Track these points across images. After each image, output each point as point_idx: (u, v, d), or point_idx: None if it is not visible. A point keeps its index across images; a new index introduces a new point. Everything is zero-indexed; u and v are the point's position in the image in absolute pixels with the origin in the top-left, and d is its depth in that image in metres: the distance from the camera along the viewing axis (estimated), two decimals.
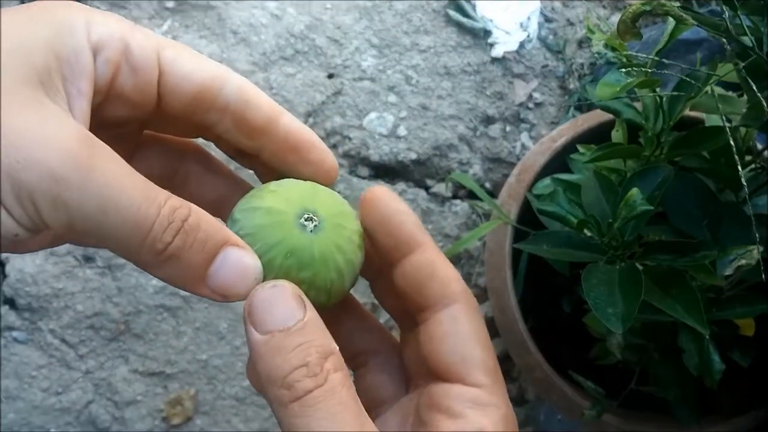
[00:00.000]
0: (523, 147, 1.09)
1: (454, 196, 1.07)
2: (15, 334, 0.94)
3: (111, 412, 0.94)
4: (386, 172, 1.06)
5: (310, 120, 1.04)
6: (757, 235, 0.49)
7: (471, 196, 1.06)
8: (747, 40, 0.44)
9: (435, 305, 0.25)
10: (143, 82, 0.24)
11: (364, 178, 1.04)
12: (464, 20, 1.10)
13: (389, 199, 0.26)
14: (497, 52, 1.11)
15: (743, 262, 0.52)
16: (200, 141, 0.29)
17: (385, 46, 1.09)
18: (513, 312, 0.71)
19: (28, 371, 0.94)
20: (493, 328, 1.01)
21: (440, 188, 1.06)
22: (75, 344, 0.95)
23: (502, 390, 0.25)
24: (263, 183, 0.28)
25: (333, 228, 0.25)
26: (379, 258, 0.28)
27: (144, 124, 0.27)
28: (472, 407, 0.23)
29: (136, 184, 0.20)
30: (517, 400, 1.02)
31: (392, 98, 1.07)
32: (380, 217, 0.26)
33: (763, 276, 0.49)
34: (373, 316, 0.30)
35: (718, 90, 0.53)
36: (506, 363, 1.03)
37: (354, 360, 0.29)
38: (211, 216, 0.23)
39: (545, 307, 0.85)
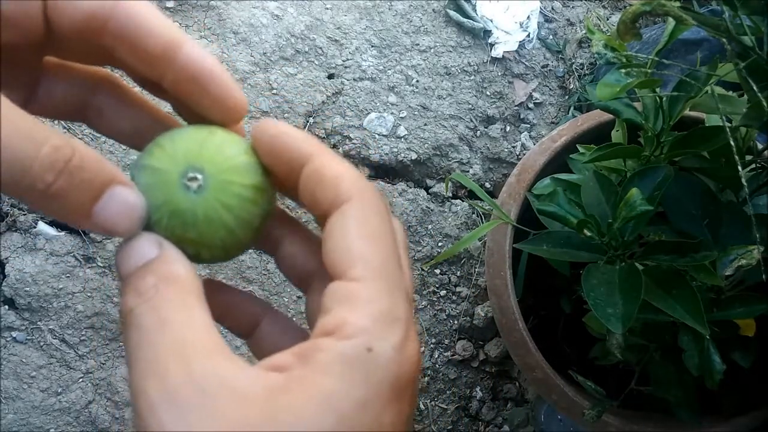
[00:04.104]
0: (523, 147, 1.09)
1: (454, 196, 1.07)
2: (15, 334, 0.94)
3: (111, 412, 0.94)
4: (386, 172, 1.06)
5: (311, 120, 1.04)
6: (757, 235, 0.49)
7: (471, 196, 1.06)
8: (747, 39, 0.44)
9: (329, 209, 0.24)
10: (26, 5, 0.23)
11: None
12: (464, 20, 1.10)
13: (272, 127, 0.25)
14: (497, 52, 1.11)
15: (743, 262, 0.52)
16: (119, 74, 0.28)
17: (386, 46, 1.09)
18: (513, 312, 0.71)
19: (28, 371, 0.94)
20: (493, 328, 1.01)
21: (440, 188, 1.06)
22: (75, 344, 0.95)
23: (388, 286, 0.22)
24: (179, 117, 0.28)
25: (220, 185, 0.24)
26: (283, 189, 0.27)
27: (40, 50, 0.25)
28: (340, 302, 0.21)
29: (17, 123, 0.20)
30: (517, 400, 1.02)
31: (392, 98, 1.07)
32: (268, 147, 0.25)
33: (764, 276, 0.49)
34: (318, 239, 0.28)
35: (718, 90, 0.53)
36: (506, 363, 1.03)
37: (301, 284, 0.28)
38: (97, 154, 0.22)
39: (545, 307, 0.85)
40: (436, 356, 1.01)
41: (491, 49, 1.11)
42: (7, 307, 0.95)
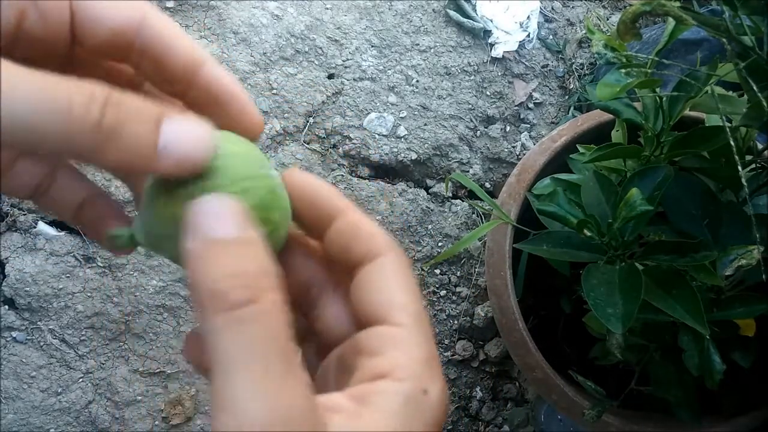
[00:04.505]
0: (523, 147, 1.09)
1: (454, 196, 1.07)
2: (15, 334, 0.94)
3: (111, 412, 0.94)
4: (386, 172, 1.06)
5: (311, 120, 1.04)
6: (757, 235, 0.49)
7: (471, 196, 1.06)
8: (747, 39, 0.44)
9: (362, 261, 0.25)
10: (54, 26, 0.23)
11: (364, 178, 1.04)
12: (464, 20, 1.10)
13: (306, 177, 0.26)
14: (497, 52, 1.11)
15: (743, 262, 0.52)
16: None
17: (386, 46, 1.09)
18: (513, 312, 0.71)
19: (28, 371, 0.94)
20: (493, 328, 1.01)
21: (440, 188, 1.06)
22: (75, 344, 0.95)
23: (425, 333, 0.24)
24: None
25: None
26: (307, 232, 0.27)
27: (63, 65, 0.25)
28: (391, 345, 0.23)
29: (36, 77, 0.19)
30: (517, 400, 1.02)
31: (392, 98, 1.07)
32: (300, 194, 0.26)
33: (764, 276, 0.49)
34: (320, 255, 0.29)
35: (718, 90, 0.53)
36: (506, 363, 1.03)
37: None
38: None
39: (545, 307, 0.85)
40: None
41: (491, 49, 1.11)
42: (7, 307, 0.95)
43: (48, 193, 0.27)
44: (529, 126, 1.11)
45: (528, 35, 1.13)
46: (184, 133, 0.21)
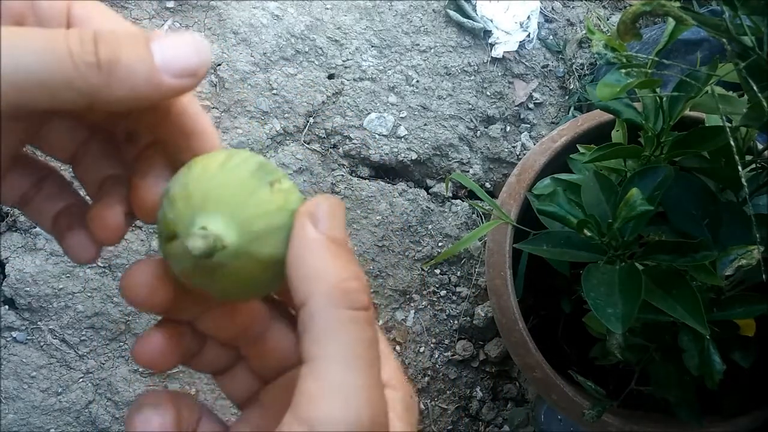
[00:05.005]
0: (523, 147, 1.09)
1: (454, 196, 1.07)
2: (15, 334, 0.94)
3: (111, 412, 0.94)
4: (386, 172, 1.06)
5: (311, 120, 1.04)
6: (757, 235, 0.49)
7: (471, 196, 1.06)
8: (747, 40, 0.44)
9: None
10: (52, 27, 0.23)
11: (364, 178, 1.04)
12: (464, 20, 1.10)
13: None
14: (497, 52, 1.11)
15: (743, 262, 0.52)
16: None
17: (386, 47, 1.09)
18: (513, 312, 0.71)
19: (28, 371, 0.94)
20: (493, 328, 1.01)
21: (440, 188, 1.06)
22: (75, 344, 0.95)
23: (387, 345, 0.26)
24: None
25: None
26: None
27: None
28: (388, 357, 0.25)
29: (32, 32, 0.20)
30: (517, 400, 1.02)
31: (392, 98, 1.07)
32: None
33: (764, 276, 0.49)
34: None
35: (719, 90, 0.53)
36: (506, 363, 1.03)
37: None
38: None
39: (545, 307, 0.85)
40: (436, 356, 1.01)
41: (491, 49, 1.11)
42: (7, 307, 0.95)
43: (32, 202, 0.27)
44: (529, 126, 1.11)
45: (528, 35, 1.13)
46: (176, 45, 0.22)
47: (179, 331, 0.25)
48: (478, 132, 1.09)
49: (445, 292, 1.03)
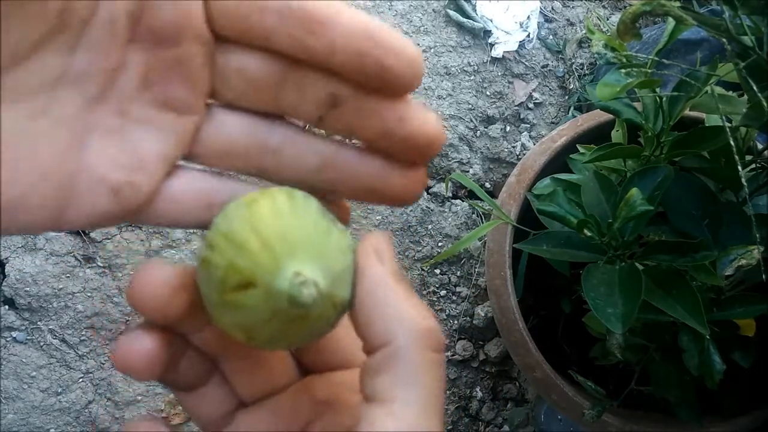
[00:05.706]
0: (523, 147, 1.09)
1: (454, 196, 1.07)
2: (15, 334, 0.94)
3: (111, 412, 0.94)
4: None
5: None
6: (757, 235, 0.49)
7: (471, 196, 1.06)
8: (747, 39, 0.44)
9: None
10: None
11: None
12: (464, 20, 1.10)
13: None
14: (497, 52, 1.11)
15: (743, 262, 0.52)
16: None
17: None
18: (513, 312, 0.71)
19: (28, 371, 0.94)
20: (493, 328, 1.01)
21: (440, 188, 1.06)
22: (75, 344, 0.95)
23: None
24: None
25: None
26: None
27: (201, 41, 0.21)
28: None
29: None
30: (517, 400, 1.02)
31: None
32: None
33: (764, 276, 0.49)
34: None
35: (718, 90, 0.53)
36: (506, 363, 1.03)
37: None
38: None
39: (545, 307, 0.85)
40: None
41: (491, 49, 1.11)
42: (7, 307, 0.95)
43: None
44: (529, 126, 1.11)
45: (528, 35, 1.13)
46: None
47: (169, 336, 0.22)
48: (478, 132, 1.09)
49: (444, 292, 1.03)
